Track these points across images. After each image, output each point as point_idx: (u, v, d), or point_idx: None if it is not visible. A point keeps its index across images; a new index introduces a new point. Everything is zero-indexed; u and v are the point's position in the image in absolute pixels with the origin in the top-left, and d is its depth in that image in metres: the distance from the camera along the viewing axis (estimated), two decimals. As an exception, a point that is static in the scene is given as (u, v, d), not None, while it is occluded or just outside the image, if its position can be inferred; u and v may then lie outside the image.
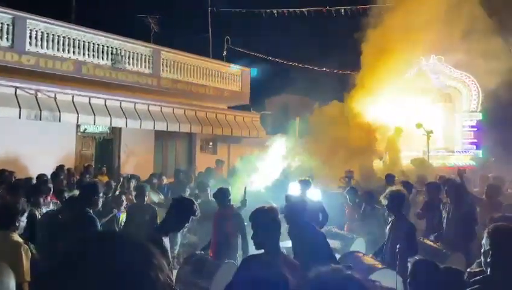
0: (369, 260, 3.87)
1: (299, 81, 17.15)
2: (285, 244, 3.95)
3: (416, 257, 3.05)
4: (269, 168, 8.41)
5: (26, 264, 3.02)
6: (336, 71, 17.83)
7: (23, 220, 3.23)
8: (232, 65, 14.36)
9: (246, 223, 4.69)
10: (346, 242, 5.39)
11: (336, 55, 16.72)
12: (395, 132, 13.16)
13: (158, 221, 6.90)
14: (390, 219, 4.53)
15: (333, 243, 5.09)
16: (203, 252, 5.15)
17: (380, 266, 3.64)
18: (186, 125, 11.90)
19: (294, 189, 6.59)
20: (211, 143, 14.70)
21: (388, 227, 4.44)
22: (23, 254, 3.02)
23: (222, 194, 5.46)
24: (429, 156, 12.45)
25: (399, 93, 13.40)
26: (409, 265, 2.77)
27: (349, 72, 16.17)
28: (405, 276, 2.93)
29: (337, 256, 4.32)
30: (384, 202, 4.41)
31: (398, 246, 3.48)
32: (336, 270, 1.08)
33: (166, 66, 12.19)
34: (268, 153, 9.77)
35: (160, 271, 0.87)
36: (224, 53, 15.89)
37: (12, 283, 0.79)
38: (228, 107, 14.82)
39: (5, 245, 3.03)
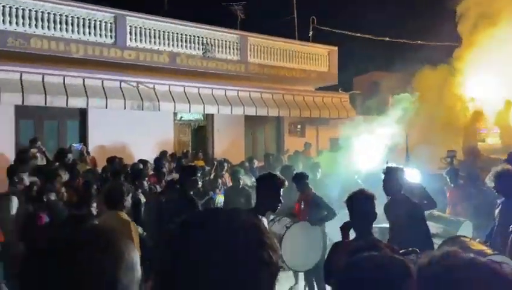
0: (477, 245, 3.59)
1: (388, 58, 16.24)
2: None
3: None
4: (365, 150, 8.15)
5: (136, 239, 3.33)
6: (431, 44, 16.51)
7: (128, 200, 3.56)
8: (318, 45, 14.08)
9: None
10: (451, 226, 5.03)
11: (430, 27, 15.46)
12: (506, 106, 11.89)
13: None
14: (499, 201, 4.15)
15: (436, 227, 4.80)
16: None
17: (490, 252, 3.36)
18: (274, 109, 12.03)
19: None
20: (299, 126, 14.68)
21: (497, 210, 4.08)
22: (133, 230, 3.33)
23: (299, 179, 5.39)
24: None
25: (506, 63, 12.00)
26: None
27: (446, 43, 14.85)
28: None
29: (439, 241, 4.08)
30: (492, 182, 4.06)
31: (510, 230, 3.18)
32: (457, 253, 0.97)
33: (253, 52, 12.37)
34: (361, 134, 9.45)
35: (273, 251, 0.85)
36: (310, 33, 15.59)
37: (136, 258, 0.86)
38: (315, 89, 14.63)
39: (115, 223, 3.37)
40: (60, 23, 9.15)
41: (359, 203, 2.85)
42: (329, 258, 2.93)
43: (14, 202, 4.68)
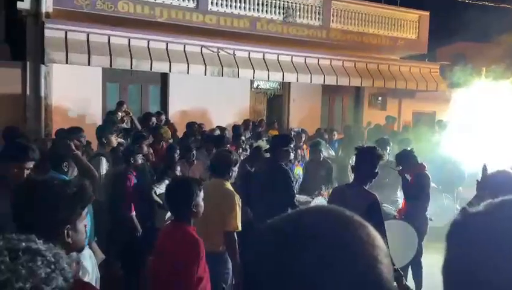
0: None
1: (480, 26, 14.46)
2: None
3: None
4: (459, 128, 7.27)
5: (238, 213, 3.16)
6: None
7: (235, 170, 3.37)
8: (407, 10, 12.89)
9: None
10: None
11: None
12: None
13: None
14: None
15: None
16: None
17: None
18: (356, 78, 11.32)
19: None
20: (380, 98, 13.80)
21: None
22: (236, 203, 3.16)
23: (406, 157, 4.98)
24: None
25: None
26: None
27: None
28: None
29: None
30: None
31: None
32: None
33: (336, 17, 11.63)
34: (453, 109, 8.50)
35: (386, 260, 0.64)
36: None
37: None
38: (400, 58, 13.54)
39: (220, 192, 3.22)
40: (145, -14, 9.18)
41: None
42: None
43: (104, 163, 4.77)
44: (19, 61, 8.41)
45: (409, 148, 6.35)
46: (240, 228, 3.23)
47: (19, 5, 8.06)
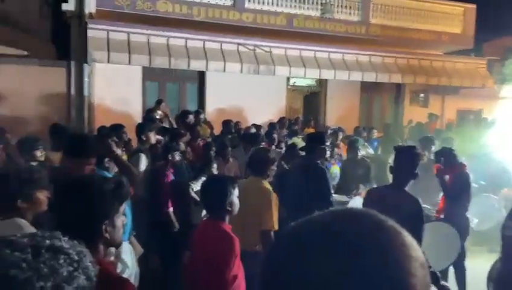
0: None
1: None
2: None
3: None
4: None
5: (275, 212, 3.12)
6: None
7: (273, 169, 3.35)
8: (452, 2, 12.35)
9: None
10: None
11: None
12: None
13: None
14: None
15: None
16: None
17: None
18: (396, 75, 10.98)
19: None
20: (421, 95, 13.31)
21: None
22: (273, 202, 3.12)
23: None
24: None
25: None
26: None
27: None
28: None
29: None
30: None
31: None
32: None
33: (376, 12, 11.32)
34: (502, 106, 8.05)
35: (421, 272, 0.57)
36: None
37: None
38: (444, 53, 13.01)
39: (256, 190, 3.20)
40: (183, -14, 9.32)
41: None
42: None
43: (143, 159, 4.86)
44: (63, 60, 8.76)
45: (450, 147, 6.12)
46: (276, 227, 3.19)
47: (64, 6, 8.39)
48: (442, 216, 4.68)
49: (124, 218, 1.75)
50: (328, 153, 3.86)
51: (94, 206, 1.61)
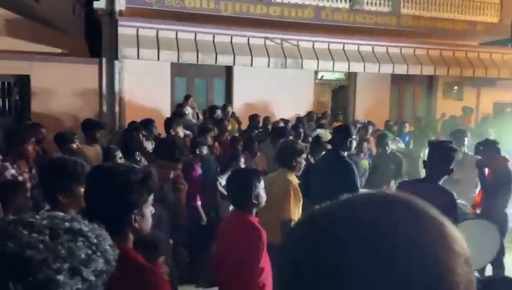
0: None
1: None
2: None
3: None
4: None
5: (293, 203, 3.10)
6: None
7: (300, 161, 3.32)
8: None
9: None
10: None
11: None
12: None
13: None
14: None
15: None
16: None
17: None
18: (429, 67, 10.65)
19: None
20: (455, 87, 12.87)
21: None
22: (292, 193, 3.11)
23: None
24: None
25: None
26: None
27: None
28: None
29: None
30: None
31: None
32: None
33: (407, 2, 11.00)
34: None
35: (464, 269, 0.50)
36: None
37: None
38: (479, 44, 12.51)
39: (279, 182, 3.19)
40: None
41: None
42: None
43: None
44: (95, 58, 8.98)
45: (491, 139, 5.87)
46: (295, 218, 3.16)
47: (96, 4, 8.60)
48: (478, 211, 4.51)
49: (152, 208, 1.76)
50: (354, 146, 3.77)
51: (123, 196, 1.63)
